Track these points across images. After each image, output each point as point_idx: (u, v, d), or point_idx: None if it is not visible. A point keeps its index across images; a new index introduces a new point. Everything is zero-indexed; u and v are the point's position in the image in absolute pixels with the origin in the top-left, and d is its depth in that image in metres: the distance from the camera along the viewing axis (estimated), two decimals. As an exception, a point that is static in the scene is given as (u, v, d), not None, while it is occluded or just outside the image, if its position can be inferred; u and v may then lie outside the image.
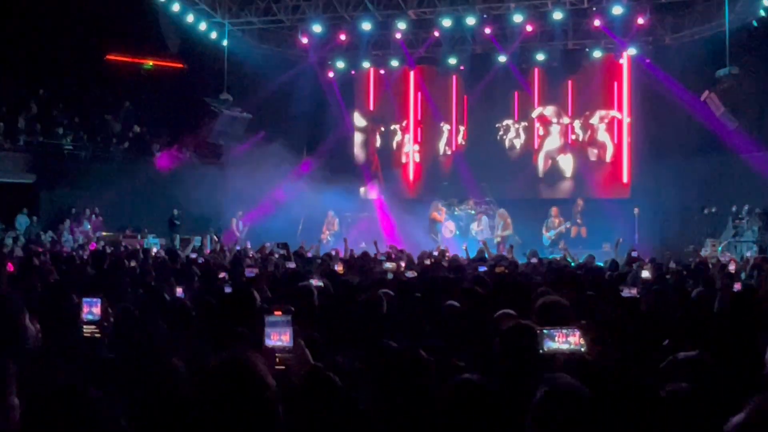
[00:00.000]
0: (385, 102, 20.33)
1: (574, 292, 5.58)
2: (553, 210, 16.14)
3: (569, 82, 18.82)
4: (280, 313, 2.17)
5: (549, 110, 19.32)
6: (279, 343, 2.14)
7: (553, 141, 19.24)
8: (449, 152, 19.93)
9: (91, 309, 2.92)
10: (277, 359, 2.11)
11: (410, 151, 20.29)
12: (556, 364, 2.26)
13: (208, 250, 13.09)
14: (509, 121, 19.37)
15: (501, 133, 19.40)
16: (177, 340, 3.17)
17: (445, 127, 19.90)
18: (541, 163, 19.19)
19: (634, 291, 4.77)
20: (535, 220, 16.29)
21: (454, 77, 19.68)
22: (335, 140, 20.14)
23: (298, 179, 17.86)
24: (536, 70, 18.98)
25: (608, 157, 18.66)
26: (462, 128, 19.81)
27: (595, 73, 18.51)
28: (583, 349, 2.12)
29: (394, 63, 19.59)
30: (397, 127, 20.43)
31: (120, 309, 3.98)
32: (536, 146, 19.29)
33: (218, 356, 1.79)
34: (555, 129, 19.28)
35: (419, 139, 20.31)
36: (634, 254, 9.90)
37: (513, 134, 19.40)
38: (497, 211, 16.32)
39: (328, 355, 2.65)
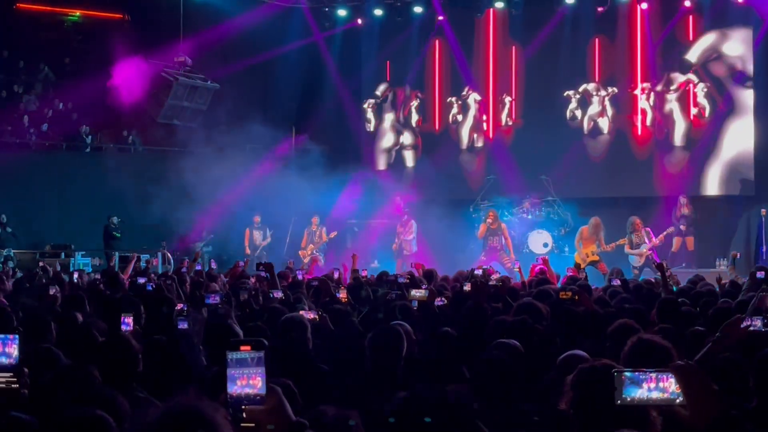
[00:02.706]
0: (402, 64, 20.36)
1: (675, 327, 5.55)
2: (635, 221, 15.79)
3: (690, 19, 18.13)
4: (248, 348, 2.16)
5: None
6: (246, 391, 2.14)
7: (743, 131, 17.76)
8: (480, 144, 19.79)
9: (5, 350, 2.95)
10: (244, 413, 2.11)
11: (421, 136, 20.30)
12: (641, 420, 2.25)
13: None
14: (589, 86, 18.92)
15: (572, 105, 19.04)
16: (112, 391, 3.21)
17: (473, 98, 19.85)
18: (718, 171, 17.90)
19: (758, 323, 4.70)
20: (614, 226, 16.17)
21: (490, 17, 19.45)
22: (335, 117, 20.25)
23: (283, 169, 17.96)
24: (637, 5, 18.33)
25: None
26: (508, 100, 19.57)
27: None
28: (679, 400, 2.10)
29: (417, 9, 19.65)
30: (416, 102, 20.45)
31: (42, 351, 4.03)
32: (657, 130, 18.31)
33: (161, 407, 1.80)
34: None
35: (440, 118, 20.26)
36: (760, 275, 9.77)
37: (595, 108, 18.87)
38: (591, 221, 15.99)
39: (316, 408, 2.65)
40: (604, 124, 18.81)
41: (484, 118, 19.83)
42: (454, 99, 20.05)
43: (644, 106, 18.47)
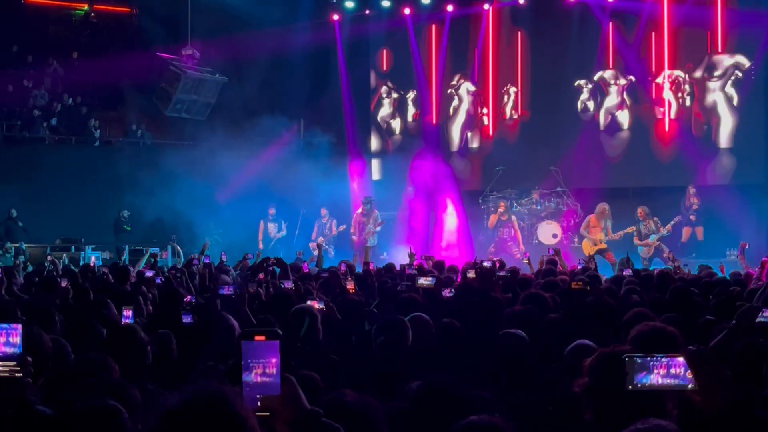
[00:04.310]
0: (407, 57, 20.22)
1: (686, 316, 5.55)
2: (639, 211, 15.69)
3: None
4: (263, 338, 2.17)
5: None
6: (262, 379, 2.15)
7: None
8: (475, 144, 19.55)
9: (9, 339, 2.98)
10: (259, 402, 2.12)
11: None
12: (652, 405, 2.26)
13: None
14: (605, 74, 18.42)
15: (584, 96, 18.69)
16: (125, 382, 3.24)
17: (465, 88, 19.62)
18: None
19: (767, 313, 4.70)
20: (624, 217, 16.13)
21: (490, 11, 19.19)
22: (344, 108, 20.25)
23: (292, 161, 17.99)
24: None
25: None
26: (513, 90, 19.28)
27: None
28: (690, 386, 2.11)
29: (425, 0, 19.61)
30: (412, 94, 20.33)
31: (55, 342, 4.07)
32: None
33: (183, 392, 1.80)
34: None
35: (438, 111, 20.07)
36: (774, 264, 9.75)
37: (613, 99, 18.41)
38: (597, 207, 15.96)
39: (336, 392, 2.67)
40: (623, 117, 18.30)
41: (485, 111, 19.57)
42: (454, 90, 19.95)
43: (669, 97, 17.85)
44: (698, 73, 17.71)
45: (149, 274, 10.14)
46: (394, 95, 20.59)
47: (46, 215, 17.85)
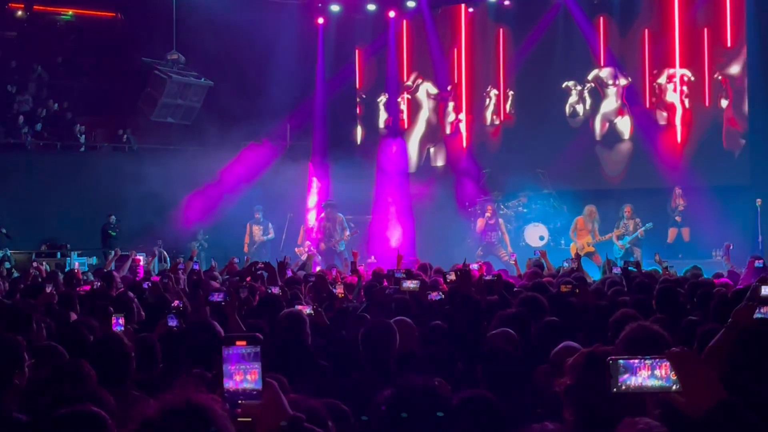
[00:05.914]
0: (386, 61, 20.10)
1: (672, 317, 5.56)
2: (627, 209, 15.65)
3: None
4: (244, 343, 2.16)
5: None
6: (243, 385, 2.13)
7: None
8: (439, 162, 19.29)
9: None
10: (240, 408, 2.10)
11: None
12: (638, 406, 2.25)
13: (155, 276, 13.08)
14: (602, 73, 17.73)
15: (572, 99, 18.32)
16: (99, 388, 3.22)
17: (425, 90, 19.42)
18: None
19: (765, 310, 4.69)
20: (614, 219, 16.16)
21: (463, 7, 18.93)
22: (330, 112, 20.24)
23: (279, 165, 17.97)
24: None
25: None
26: (495, 93, 18.88)
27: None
28: (675, 387, 2.10)
29: (411, 2, 19.59)
30: (383, 98, 20.16)
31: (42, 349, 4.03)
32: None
33: (161, 401, 1.79)
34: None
35: (409, 116, 19.86)
36: (759, 264, 9.82)
37: (611, 103, 17.69)
38: (585, 209, 15.89)
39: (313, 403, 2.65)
40: (623, 125, 17.74)
41: (461, 117, 19.31)
42: (411, 94, 19.79)
43: (674, 99, 17.28)
44: (735, 69, 16.96)
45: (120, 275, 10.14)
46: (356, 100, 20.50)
47: (31, 221, 17.74)
